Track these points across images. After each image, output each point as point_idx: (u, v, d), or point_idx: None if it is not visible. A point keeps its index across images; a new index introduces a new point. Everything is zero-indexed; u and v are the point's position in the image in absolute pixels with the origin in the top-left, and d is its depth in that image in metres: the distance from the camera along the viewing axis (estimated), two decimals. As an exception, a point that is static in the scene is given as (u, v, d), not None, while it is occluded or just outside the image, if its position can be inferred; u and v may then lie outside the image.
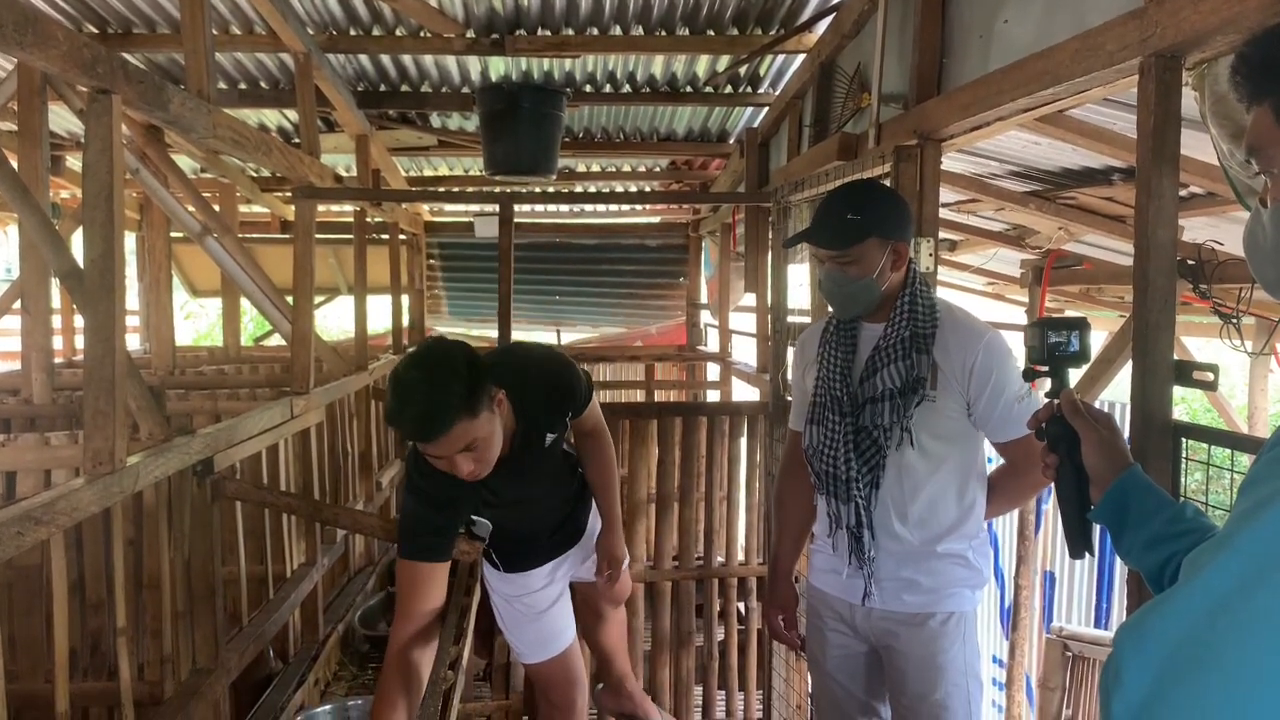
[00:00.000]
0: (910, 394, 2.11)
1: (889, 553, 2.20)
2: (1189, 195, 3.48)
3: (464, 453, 2.11)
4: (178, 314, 7.63)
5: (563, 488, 2.73)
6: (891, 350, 2.15)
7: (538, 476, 2.57)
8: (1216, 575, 0.80)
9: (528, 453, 2.41)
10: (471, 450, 2.11)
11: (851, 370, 2.24)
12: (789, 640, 2.57)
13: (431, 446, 2.09)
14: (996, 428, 2.16)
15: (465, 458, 2.12)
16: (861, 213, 2.16)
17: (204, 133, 2.84)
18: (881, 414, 2.14)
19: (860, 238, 2.14)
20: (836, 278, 2.20)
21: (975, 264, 5.90)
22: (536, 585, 2.75)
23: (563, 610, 2.82)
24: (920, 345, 2.13)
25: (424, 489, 2.31)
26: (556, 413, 2.47)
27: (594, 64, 5.00)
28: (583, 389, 2.55)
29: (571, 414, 2.54)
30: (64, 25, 1.99)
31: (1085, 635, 4.10)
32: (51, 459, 3.07)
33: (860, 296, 2.19)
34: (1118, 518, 1.31)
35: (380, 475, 5.67)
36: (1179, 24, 1.64)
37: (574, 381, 2.51)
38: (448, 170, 7.43)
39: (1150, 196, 1.76)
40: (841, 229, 2.16)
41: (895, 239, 2.17)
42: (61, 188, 6.25)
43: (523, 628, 2.79)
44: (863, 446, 2.18)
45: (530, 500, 2.63)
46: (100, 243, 2.20)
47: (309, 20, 4.32)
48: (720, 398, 7.34)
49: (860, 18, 3.43)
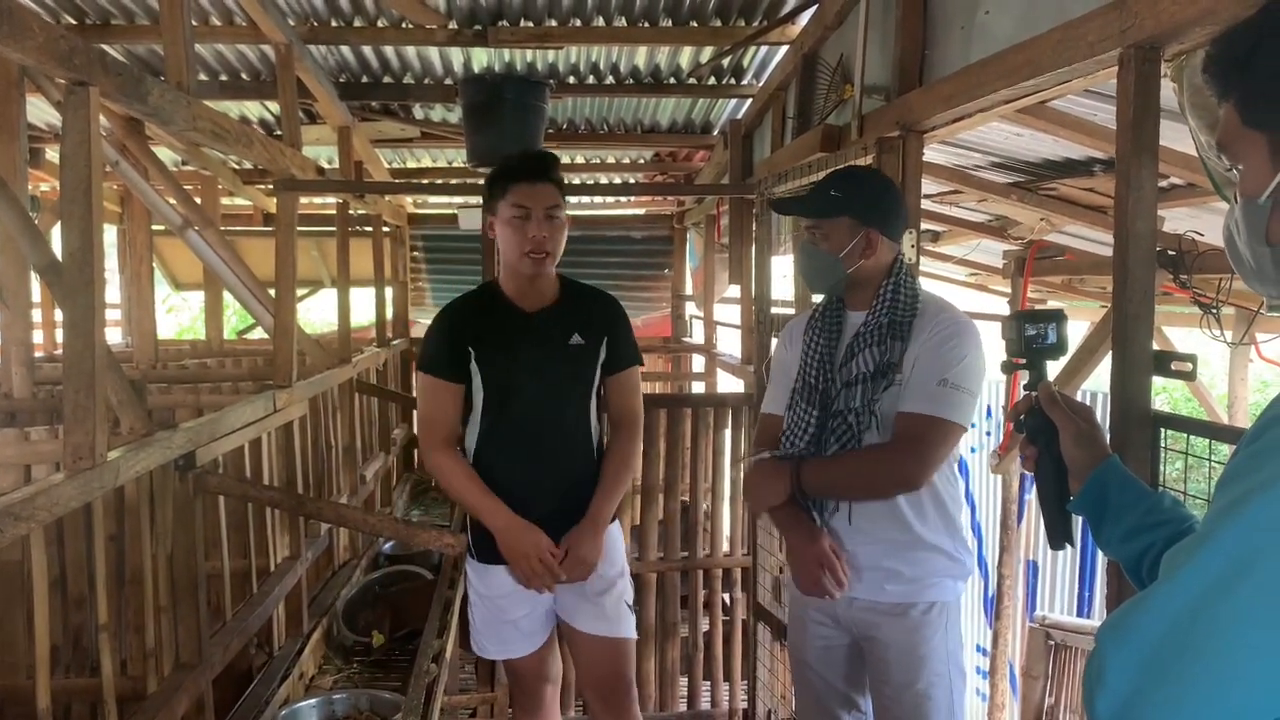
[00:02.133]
0: (880, 378, 2.12)
1: (869, 542, 2.20)
2: (1169, 186, 3.49)
3: (547, 215, 2.40)
4: (160, 307, 7.60)
5: (569, 437, 2.55)
6: (869, 335, 2.17)
7: (547, 373, 2.48)
8: (1195, 572, 0.81)
9: (548, 331, 2.50)
10: (552, 219, 2.41)
11: (834, 356, 2.25)
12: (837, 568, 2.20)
13: (535, 187, 2.40)
14: (911, 394, 2.09)
15: (544, 221, 2.40)
16: (844, 191, 2.21)
17: (184, 125, 2.82)
18: (855, 397, 2.15)
19: (832, 212, 2.20)
20: (806, 248, 2.28)
21: (958, 255, 5.91)
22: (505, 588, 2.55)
23: (534, 622, 2.62)
24: (896, 332, 2.14)
25: (451, 320, 2.53)
26: (594, 319, 2.55)
27: (577, 55, 4.99)
28: (629, 333, 2.63)
29: (608, 342, 2.55)
30: (40, 16, 1.97)
31: (1068, 624, 4.13)
32: (31, 454, 3.04)
33: (823, 272, 2.23)
34: (1097, 509, 1.32)
35: (364, 469, 5.66)
36: (1158, 15, 1.65)
37: (624, 315, 2.65)
38: (431, 162, 7.40)
39: (1129, 188, 1.77)
40: (820, 200, 2.25)
41: (870, 226, 2.18)
42: (41, 180, 6.20)
43: (490, 626, 2.62)
44: (839, 431, 2.18)
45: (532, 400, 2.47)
46: (79, 236, 2.18)
47: (290, 11, 4.29)
48: (705, 389, 7.35)
49: (843, 9, 3.43)
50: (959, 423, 2.09)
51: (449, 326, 2.52)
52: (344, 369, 5.08)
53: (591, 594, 2.57)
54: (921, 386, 2.09)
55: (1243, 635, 0.76)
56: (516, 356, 2.48)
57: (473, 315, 2.52)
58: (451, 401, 2.49)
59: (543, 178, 2.43)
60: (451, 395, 2.49)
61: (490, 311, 2.51)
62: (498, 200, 2.45)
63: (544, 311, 2.52)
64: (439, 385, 2.48)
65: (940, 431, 2.08)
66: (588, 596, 2.58)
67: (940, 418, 2.07)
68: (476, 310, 2.54)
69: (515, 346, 2.48)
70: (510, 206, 2.41)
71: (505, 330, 2.48)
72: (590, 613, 2.59)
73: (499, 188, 2.45)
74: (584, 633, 2.61)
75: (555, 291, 2.55)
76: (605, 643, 2.61)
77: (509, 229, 2.42)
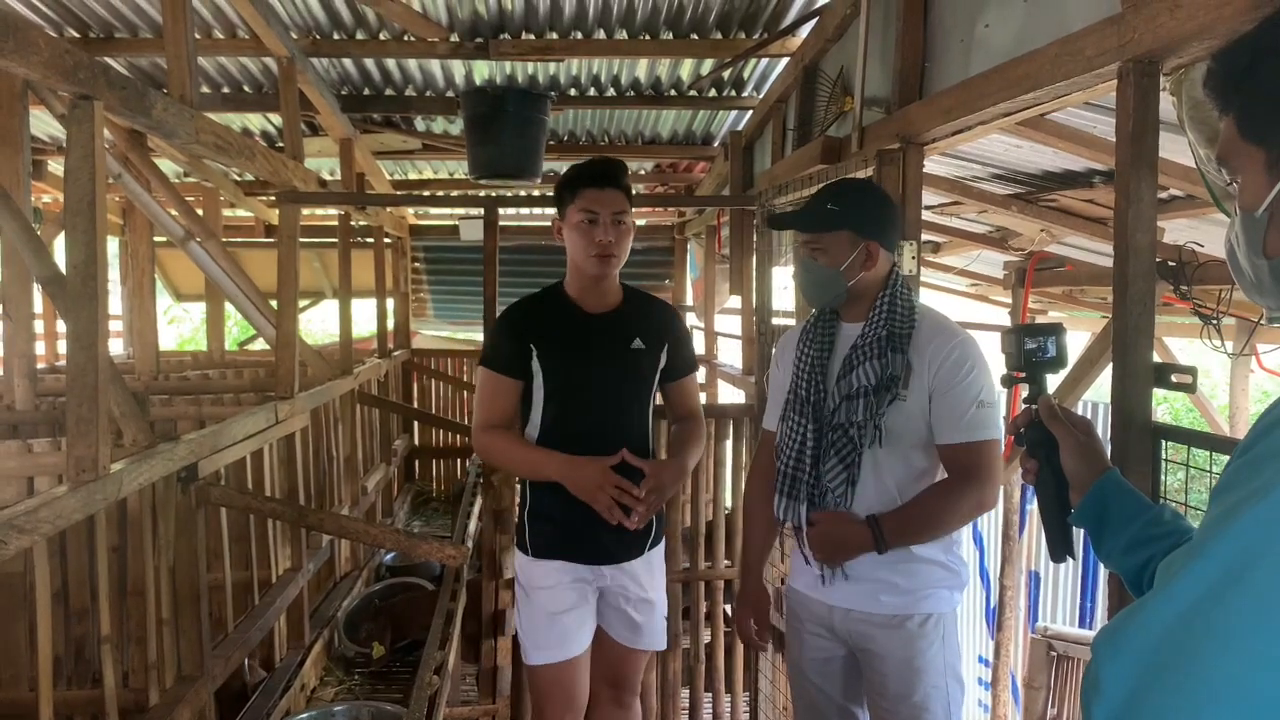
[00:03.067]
0: (884, 391, 2.12)
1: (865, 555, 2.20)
2: (1169, 198, 3.50)
3: (614, 220, 2.46)
4: (161, 318, 7.61)
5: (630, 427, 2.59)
6: (868, 348, 2.16)
7: (609, 374, 2.53)
8: (1189, 581, 0.81)
9: (611, 334, 2.56)
10: (620, 223, 2.48)
11: (827, 369, 2.25)
12: (757, 643, 2.57)
13: (604, 193, 2.46)
14: (946, 426, 2.13)
15: (611, 226, 2.46)
16: (842, 204, 2.21)
17: (186, 138, 2.83)
18: (856, 410, 2.14)
19: (831, 227, 2.19)
20: (806, 263, 2.26)
21: (959, 266, 5.92)
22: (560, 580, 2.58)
23: (579, 621, 2.64)
24: (896, 345, 2.14)
25: (515, 317, 2.59)
26: (654, 325, 2.62)
27: (578, 67, 5.01)
28: (687, 341, 2.73)
29: (668, 349, 2.63)
30: (45, 32, 1.98)
31: (1069, 635, 4.13)
32: (34, 466, 3.05)
33: (825, 286, 2.23)
34: (1097, 521, 1.32)
35: (366, 480, 5.66)
36: (1156, 30, 1.66)
37: (682, 322, 2.75)
38: (432, 174, 7.42)
39: (1129, 201, 1.77)
40: (818, 215, 2.23)
41: (870, 238, 2.18)
42: (43, 192, 6.22)
43: (535, 622, 2.62)
44: (839, 445, 2.18)
45: (593, 398, 2.52)
46: (82, 249, 2.19)
47: (292, 24, 4.31)
48: (706, 400, 7.34)
49: (843, 22, 3.44)
50: (999, 436, 2.16)
51: (512, 323, 2.58)
52: (345, 380, 5.08)
53: (638, 614, 2.67)
54: (959, 415, 2.11)
55: (1237, 643, 0.77)
56: (579, 356, 2.53)
57: (537, 314, 2.58)
58: (509, 397, 2.55)
59: (612, 184, 2.49)
60: (510, 390, 2.54)
61: (555, 311, 2.57)
62: (567, 205, 2.51)
63: (607, 315, 2.58)
64: (499, 380, 2.54)
65: (992, 452, 2.13)
66: (632, 616, 2.66)
67: (986, 440, 2.13)
68: (541, 309, 2.58)
69: (578, 346, 2.53)
70: (579, 211, 2.47)
71: (569, 330, 2.54)
72: (632, 628, 2.68)
73: (569, 192, 2.50)
74: (618, 642, 2.70)
75: (618, 296, 2.62)
76: (634, 652, 2.73)
77: (577, 232, 2.48)
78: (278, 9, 4.08)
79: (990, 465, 2.12)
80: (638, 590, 2.64)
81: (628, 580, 2.62)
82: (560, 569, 2.58)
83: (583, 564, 2.58)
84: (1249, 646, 0.76)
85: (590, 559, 2.58)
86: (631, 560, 2.61)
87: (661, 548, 2.73)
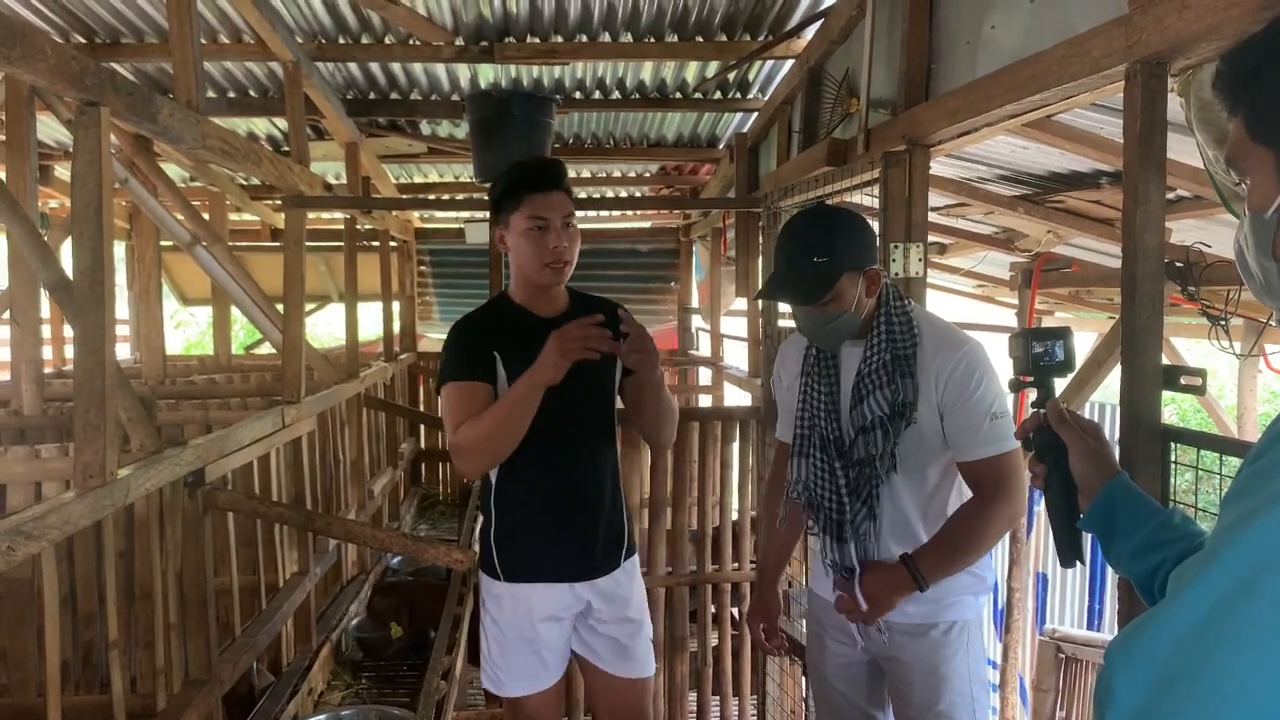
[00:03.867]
0: (899, 419, 2.07)
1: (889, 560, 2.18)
2: (1176, 198, 3.50)
3: (564, 224, 2.39)
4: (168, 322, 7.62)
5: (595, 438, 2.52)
6: (875, 376, 2.10)
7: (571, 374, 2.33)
8: (1202, 590, 0.81)
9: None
10: (569, 227, 2.41)
11: (838, 402, 2.19)
12: (769, 647, 2.56)
13: (550, 197, 2.38)
14: (964, 443, 2.08)
15: (563, 232, 2.39)
16: (829, 253, 2.08)
17: (193, 143, 2.84)
18: (875, 442, 2.09)
19: (834, 281, 2.07)
20: (815, 318, 2.14)
21: (965, 267, 5.91)
22: (537, 613, 2.46)
23: (556, 646, 2.53)
24: (902, 368, 2.09)
25: (471, 329, 2.50)
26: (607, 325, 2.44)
27: (583, 70, 5.01)
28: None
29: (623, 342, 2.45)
30: (52, 38, 1.99)
31: (1078, 637, 4.12)
32: (42, 471, 3.05)
33: (842, 330, 2.14)
34: (1106, 526, 1.31)
35: (372, 483, 5.67)
36: (1164, 31, 1.65)
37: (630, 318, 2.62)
38: (438, 177, 7.43)
39: (1137, 202, 1.77)
40: (814, 278, 2.09)
41: (866, 266, 2.12)
42: (50, 197, 6.23)
43: (506, 651, 2.49)
44: (857, 483, 2.14)
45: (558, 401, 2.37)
46: (89, 254, 2.19)
47: (298, 29, 4.32)
48: (713, 402, 7.34)
49: (848, 23, 3.44)
50: (1017, 445, 2.07)
51: (470, 335, 2.48)
52: (352, 384, 5.09)
53: (623, 636, 2.54)
54: (974, 430, 2.06)
55: (1250, 652, 0.76)
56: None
57: (491, 324, 2.49)
58: (484, 403, 2.37)
59: (557, 186, 2.41)
60: (484, 395, 2.38)
61: (508, 320, 2.48)
62: (510, 213, 2.41)
63: (560, 318, 2.47)
64: (470, 387, 2.38)
65: (1013, 463, 2.08)
66: (618, 639, 2.54)
67: (1006, 452, 2.07)
68: (494, 320, 2.50)
69: (539, 350, 2.39)
70: (527, 219, 2.37)
71: (527, 335, 2.42)
72: (619, 654, 2.55)
73: (511, 199, 2.40)
74: (611, 674, 2.56)
75: (565, 299, 2.54)
76: (633, 684, 2.58)
77: (526, 241, 2.38)
78: (283, 14, 4.08)
79: (1015, 476, 2.08)
80: (620, 610, 2.52)
81: (606, 600, 2.51)
82: (534, 591, 2.45)
83: (558, 583, 2.46)
84: (1262, 655, 0.76)
85: (566, 577, 2.47)
86: (608, 574, 2.51)
87: (636, 558, 2.62)
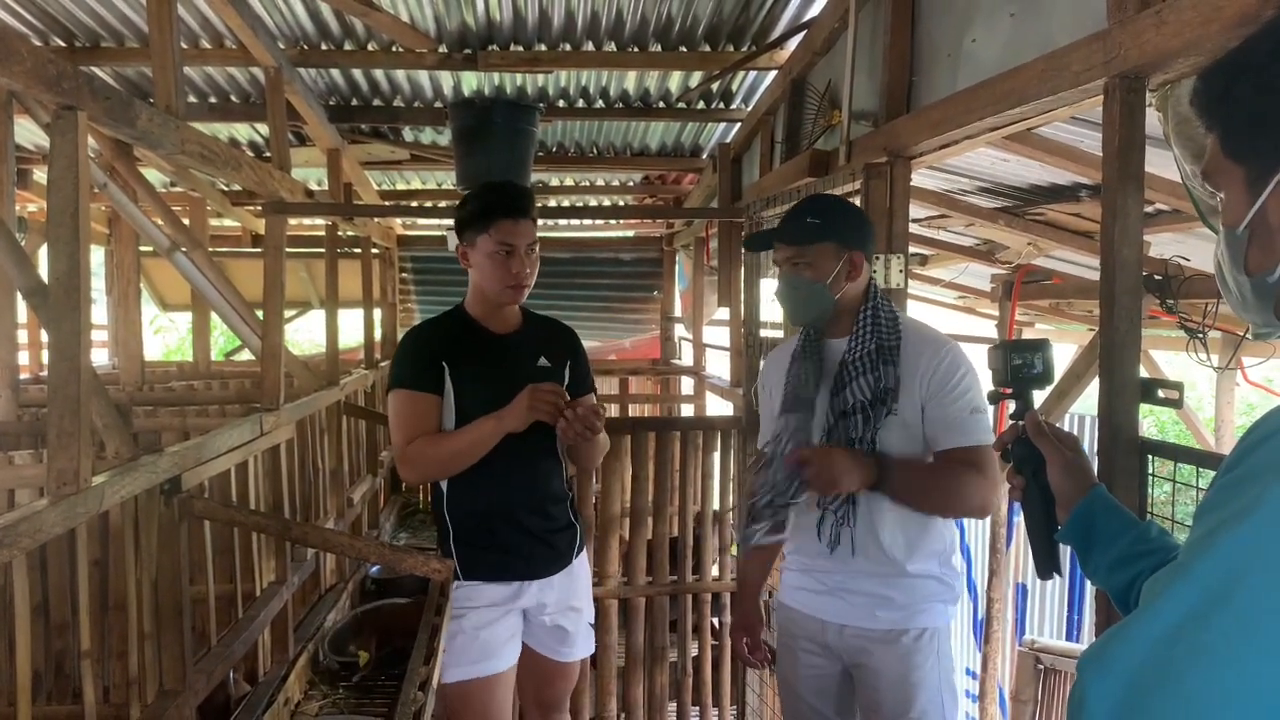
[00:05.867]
0: (879, 405, 2.13)
1: (862, 569, 2.20)
2: (1155, 212, 3.52)
3: (528, 250, 2.52)
4: (147, 328, 7.57)
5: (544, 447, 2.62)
6: (859, 363, 2.16)
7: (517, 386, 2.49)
8: (1173, 602, 0.81)
9: (519, 352, 2.61)
10: (532, 253, 2.54)
11: (819, 390, 2.25)
12: (752, 661, 2.60)
13: (519, 224, 2.50)
14: (944, 432, 2.13)
15: (526, 258, 2.52)
16: (822, 217, 2.22)
17: (172, 148, 2.81)
18: (855, 426, 2.14)
19: (816, 239, 2.20)
20: (791, 280, 2.25)
21: (946, 278, 5.94)
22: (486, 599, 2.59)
23: (503, 638, 2.62)
24: (886, 357, 2.15)
25: (424, 339, 2.61)
26: (557, 345, 2.69)
27: (567, 79, 5.01)
28: (587, 360, 2.77)
29: (570, 367, 2.67)
30: (28, 41, 1.97)
31: (1057, 648, 4.13)
32: (15, 479, 3.02)
33: (812, 302, 2.22)
34: (1084, 538, 1.32)
35: (352, 491, 5.63)
36: (1142, 46, 1.66)
37: (580, 342, 2.79)
38: (421, 184, 7.41)
39: (1115, 216, 1.78)
40: (801, 229, 2.23)
41: (853, 248, 2.20)
42: (29, 201, 6.18)
43: (456, 639, 2.61)
44: None
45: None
46: (65, 260, 2.17)
47: (280, 34, 4.30)
48: (695, 411, 7.35)
49: (831, 35, 3.45)
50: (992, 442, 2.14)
51: (422, 344, 2.59)
52: (332, 391, 5.05)
53: (567, 624, 2.70)
54: (956, 421, 2.12)
55: (1221, 664, 0.77)
56: (490, 372, 2.56)
57: (445, 335, 2.60)
58: (431, 413, 2.52)
59: (525, 215, 2.52)
60: (431, 407, 2.52)
61: (462, 333, 2.60)
62: (478, 233, 2.53)
63: (512, 335, 2.63)
64: (418, 398, 2.52)
65: (989, 455, 2.12)
66: (562, 626, 2.69)
67: (983, 444, 2.12)
68: (448, 331, 2.61)
69: (489, 364, 2.57)
70: (495, 242, 2.50)
71: (478, 348, 2.57)
72: (561, 640, 2.71)
73: (481, 221, 2.52)
74: (548, 659, 2.72)
75: (519, 317, 2.68)
76: (568, 666, 2.77)
77: (491, 262, 2.51)
78: (265, 19, 4.07)
79: (991, 466, 2.12)
80: (564, 599, 2.68)
81: (553, 594, 2.65)
82: (487, 589, 2.60)
83: (510, 581, 2.61)
84: (1233, 666, 0.76)
85: (518, 575, 2.61)
86: (558, 573, 2.66)
87: (584, 557, 2.78)
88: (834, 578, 2.24)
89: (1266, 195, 0.95)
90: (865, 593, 2.21)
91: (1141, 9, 1.70)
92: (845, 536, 2.19)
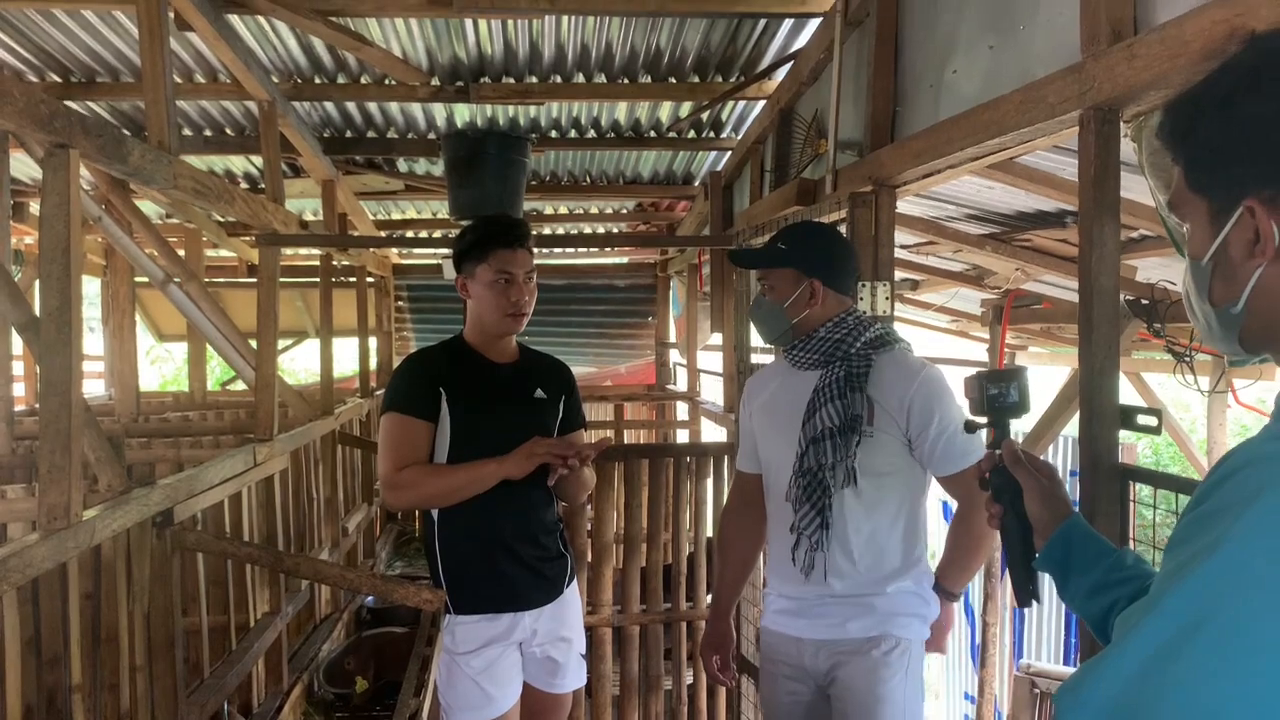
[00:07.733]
0: (850, 432, 2.15)
1: (836, 591, 2.22)
2: (1140, 237, 3.55)
3: (526, 279, 2.56)
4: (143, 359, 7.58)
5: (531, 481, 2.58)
6: (828, 390, 2.19)
7: (515, 419, 2.57)
8: (1146, 637, 0.83)
9: (517, 382, 2.64)
10: (530, 282, 2.58)
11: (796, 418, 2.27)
12: (721, 679, 2.61)
13: (516, 254, 2.54)
14: (941, 461, 2.16)
15: (524, 286, 2.56)
16: (789, 244, 2.29)
17: (165, 183, 2.84)
18: (825, 452, 2.17)
19: (779, 263, 2.28)
20: (757, 299, 2.37)
21: (937, 303, 5.97)
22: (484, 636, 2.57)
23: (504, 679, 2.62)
24: (855, 384, 2.17)
25: (422, 364, 2.62)
26: (553, 379, 2.71)
27: (559, 110, 5.05)
28: (579, 400, 2.80)
29: (565, 401, 2.70)
30: (21, 80, 2.00)
31: (1053, 672, 4.12)
32: (7, 512, 3.02)
33: (769, 321, 2.32)
34: (1061, 566, 1.33)
35: (347, 521, 5.63)
36: (1114, 79, 1.69)
37: (574, 381, 2.81)
38: (415, 213, 7.45)
39: (1092, 245, 1.80)
40: (766, 253, 2.34)
41: (812, 276, 2.24)
42: (24, 234, 6.21)
43: (457, 681, 2.59)
44: (810, 489, 2.20)
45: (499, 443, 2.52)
46: (57, 295, 2.19)
47: (273, 68, 4.35)
48: (690, 437, 7.35)
49: (817, 66, 3.49)
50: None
51: (421, 369, 2.61)
52: (326, 420, 5.07)
53: (558, 654, 2.69)
54: (948, 447, 2.14)
55: (1192, 698, 0.78)
56: (487, 401, 2.58)
57: (444, 362, 2.62)
58: (423, 438, 2.53)
59: (523, 244, 2.57)
60: (424, 433, 2.53)
61: (461, 359, 2.62)
62: (477, 263, 2.56)
63: (510, 365, 2.66)
64: (411, 422, 2.53)
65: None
66: (553, 658, 2.68)
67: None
68: (447, 358, 2.63)
69: (486, 392, 2.59)
70: (494, 271, 2.54)
71: (476, 377, 2.60)
72: (553, 671, 2.70)
73: (479, 252, 2.56)
74: (543, 691, 2.71)
75: (516, 350, 2.71)
76: (560, 698, 2.75)
77: (491, 291, 2.55)
78: (258, 54, 4.11)
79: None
80: (555, 629, 2.67)
81: (544, 624, 2.65)
82: (483, 627, 2.58)
83: (502, 613, 2.60)
84: (1204, 700, 0.78)
85: (510, 605, 2.60)
86: (550, 602, 2.66)
87: (575, 586, 2.79)
88: (808, 601, 2.27)
89: (1229, 229, 0.97)
90: (840, 609, 2.23)
91: (1114, 43, 1.74)
92: (818, 561, 2.21)
